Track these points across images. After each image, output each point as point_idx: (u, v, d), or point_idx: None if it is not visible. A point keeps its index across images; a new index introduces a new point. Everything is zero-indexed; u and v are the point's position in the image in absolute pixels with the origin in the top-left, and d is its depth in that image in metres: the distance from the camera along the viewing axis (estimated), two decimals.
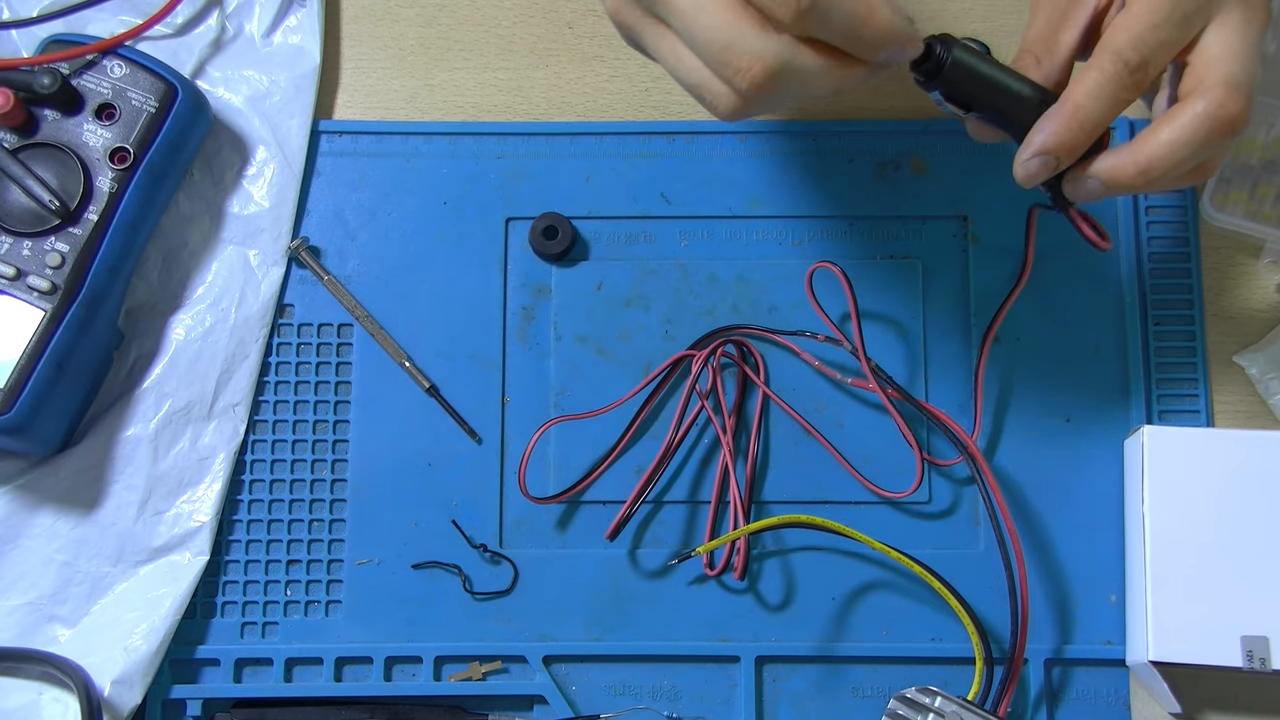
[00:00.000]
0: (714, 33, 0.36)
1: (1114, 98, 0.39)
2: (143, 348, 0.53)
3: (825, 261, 0.52)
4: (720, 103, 0.37)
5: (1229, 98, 0.39)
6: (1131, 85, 0.39)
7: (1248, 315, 0.54)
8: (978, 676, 0.48)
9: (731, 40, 0.35)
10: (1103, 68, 0.39)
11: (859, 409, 0.53)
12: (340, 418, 0.53)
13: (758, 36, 0.35)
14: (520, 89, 0.57)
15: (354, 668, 0.52)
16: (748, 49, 0.35)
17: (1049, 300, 0.54)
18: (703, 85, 0.37)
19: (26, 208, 0.50)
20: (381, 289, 0.54)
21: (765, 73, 0.36)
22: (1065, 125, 0.39)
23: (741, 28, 0.35)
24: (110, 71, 0.51)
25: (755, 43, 0.35)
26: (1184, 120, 0.39)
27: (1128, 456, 0.52)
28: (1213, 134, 0.39)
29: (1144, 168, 0.40)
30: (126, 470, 0.52)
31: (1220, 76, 0.39)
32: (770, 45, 0.36)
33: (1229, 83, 0.39)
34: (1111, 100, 0.39)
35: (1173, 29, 0.39)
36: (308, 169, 0.55)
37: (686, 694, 0.51)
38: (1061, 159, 0.40)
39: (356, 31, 0.57)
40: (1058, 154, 0.40)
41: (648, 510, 0.53)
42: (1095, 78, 0.39)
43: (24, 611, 0.51)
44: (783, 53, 0.36)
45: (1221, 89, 0.39)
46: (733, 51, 0.36)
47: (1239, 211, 0.53)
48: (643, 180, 0.55)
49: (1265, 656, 0.46)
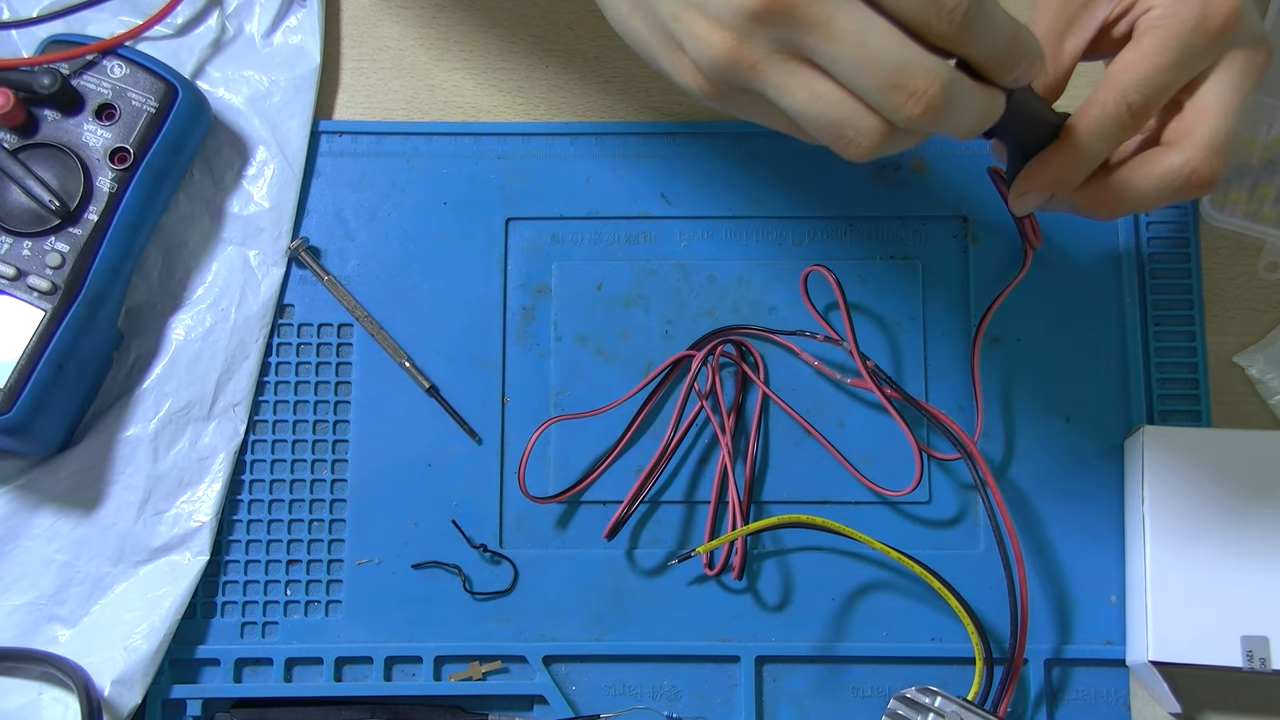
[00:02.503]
0: (887, 53, 0.33)
1: (1114, 137, 0.40)
2: (143, 348, 0.53)
3: (817, 265, 0.52)
4: (865, 138, 0.34)
5: (1205, 163, 0.40)
6: (1131, 125, 0.40)
7: (1248, 315, 0.54)
8: (978, 676, 0.48)
9: (907, 60, 0.32)
10: (1106, 107, 0.39)
11: (859, 409, 0.53)
12: (340, 418, 0.53)
13: (928, 57, 0.33)
14: (520, 89, 0.57)
15: (354, 668, 0.52)
16: (923, 68, 0.32)
17: (1049, 300, 0.54)
18: (845, 121, 0.34)
19: (26, 208, 0.50)
20: (381, 289, 0.54)
21: (941, 91, 0.33)
22: (1069, 163, 0.40)
23: (912, 48, 0.33)
24: (110, 72, 0.51)
25: (928, 63, 0.33)
26: (1158, 173, 0.40)
27: (1128, 456, 0.52)
28: (1182, 192, 0.40)
29: (1110, 207, 0.41)
30: (126, 470, 0.52)
31: (1206, 138, 0.40)
32: (940, 63, 0.33)
33: (1211, 146, 0.40)
34: (1112, 139, 0.40)
35: (1178, 72, 0.40)
36: (308, 169, 0.55)
37: (686, 694, 0.51)
38: (1059, 192, 0.41)
39: (356, 31, 0.58)
40: (1056, 189, 0.41)
41: (647, 510, 0.53)
42: (1098, 117, 0.39)
43: (24, 611, 0.51)
44: (949, 74, 0.33)
45: (1202, 151, 0.40)
46: (907, 73, 0.32)
47: (1239, 211, 0.53)
48: (643, 180, 0.55)
49: (1265, 656, 0.46)
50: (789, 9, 0.33)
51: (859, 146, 0.34)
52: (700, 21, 0.34)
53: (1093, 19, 0.42)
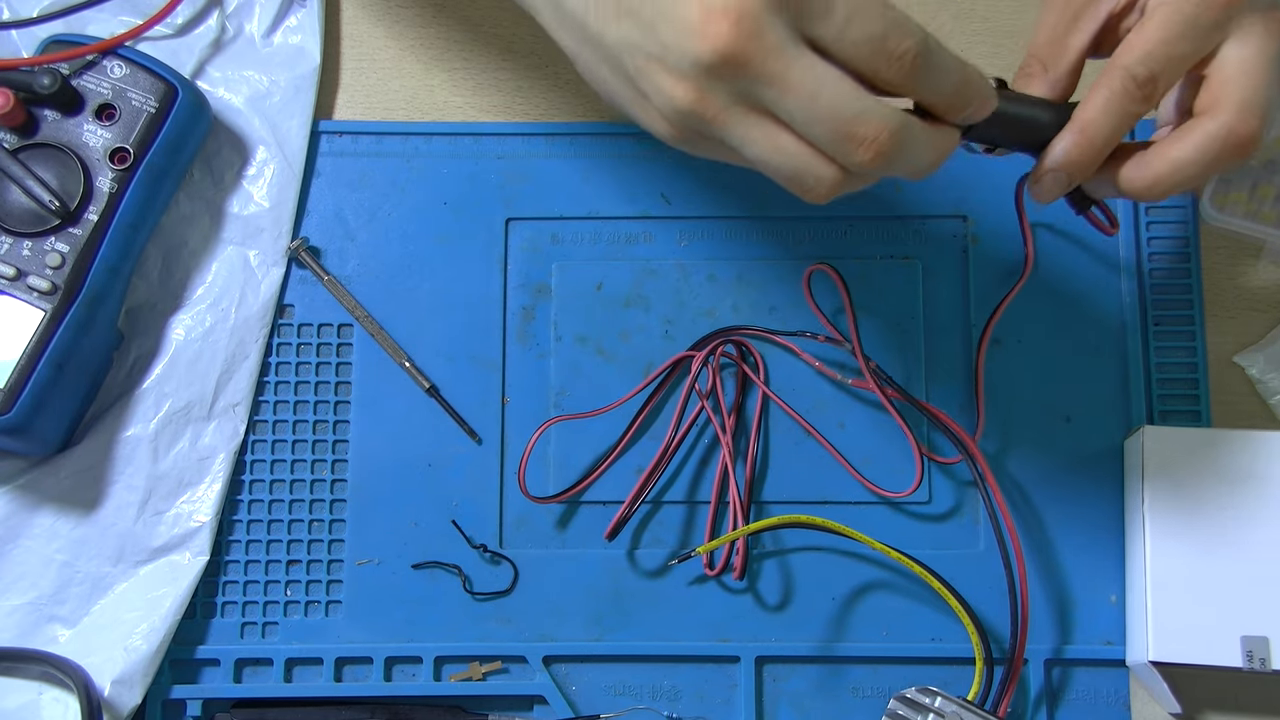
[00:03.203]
0: (839, 103, 0.34)
1: (1123, 113, 0.39)
2: (143, 348, 0.53)
3: (821, 263, 0.52)
4: (822, 185, 0.36)
5: (1241, 121, 0.39)
6: (1140, 99, 0.39)
7: (1248, 315, 0.54)
8: (978, 676, 0.48)
9: (858, 111, 0.34)
10: (1111, 85, 0.39)
11: (859, 409, 0.53)
12: (340, 418, 0.53)
13: (879, 104, 0.35)
14: (520, 89, 0.57)
15: (354, 668, 0.52)
16: (874, 116, 0.34)
17: (1049, 300, 0.54)
18: (804, 170, 0.36)
19: (26, 208, 0.50)
20: (381, 289, 0.54)
21: (891, 138, 0.35)
22: (1076, 145, 0.40)
23: (863, 97, 0.35)
24: (110, 72, 0.51)
25: (879, 110, 0.35)
26: (1195, 140, 0.39)
27: (1128, 456, 0.52)
28: (1223, 155, 0.39)
29: (1151, 182, 0.40)
30: (126, 470, 0.52)
31: (1235, 99, 0.39)
32: (892, 111, 0.35)
33: (1243, 106, 0.39)
34: (1120, 116, 0.39)
35: (1186, 44, 0.39)
36: (308, 169, 0.55)
37: (686, 694, 0.51)
38: (1074, 177, 0.40)
39: (356, 31, 0.57)
40: (1069, 173, 0.40)
41: (648, 510, 0.53)
42: (1104, 95, 0.39)
43: (24, 611, 0.51)
44: (900, 119, 0.35)
45: (1234, 112, 0.39)
46: (858, 122, 0.34)
47: (1239, 211, 0.53)
48: (643, 180, 0.55)
49: (1265, 656, 0.46)
50: (744, 64, 0.34)
51: (817, 193, 0.37)
52: (662, 75, 0.36)
53: (1098, 11, 0.42)
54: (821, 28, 0.34)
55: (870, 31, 0.34)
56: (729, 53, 0.34)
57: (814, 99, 0.34)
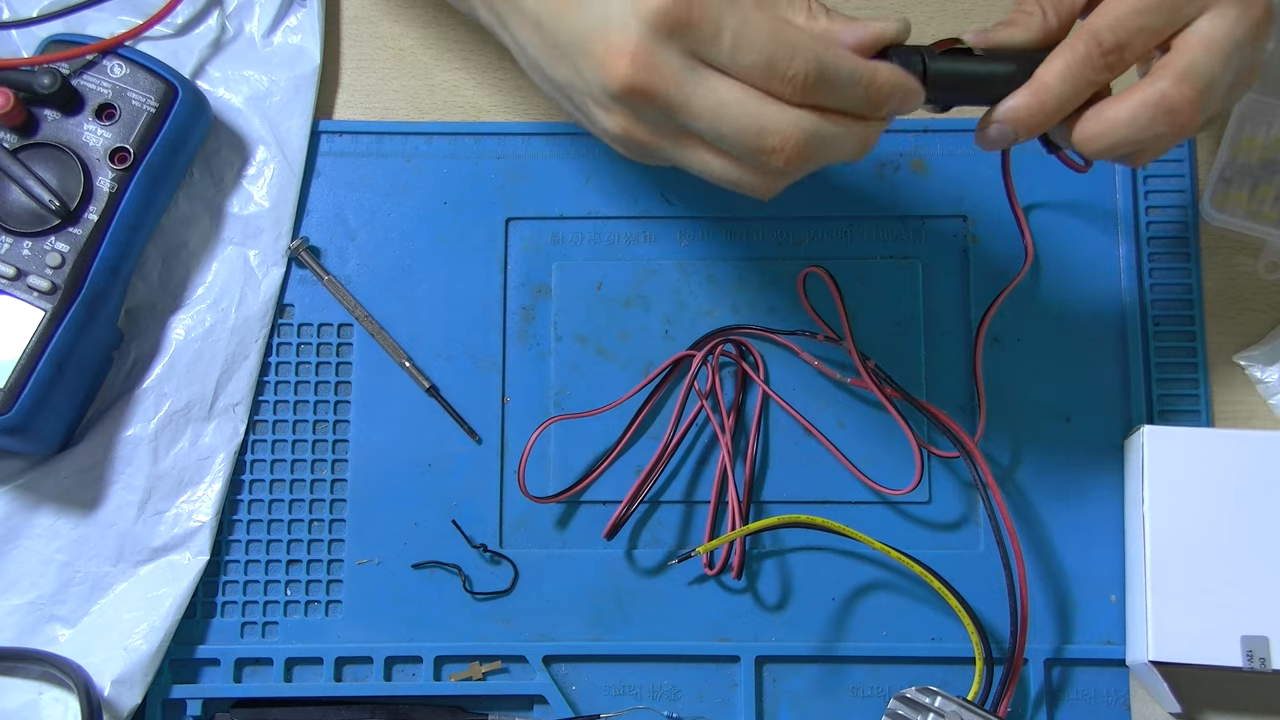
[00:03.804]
0: (743, 119, 0.37)
1: (1081, 79, 0.39)
2: (143, 348, 0.53)
3: (814, 266, 0.53)
4: (760, 190, 0.39)
5: (1176, 89, 0.39)
6: (1103, 67, 0.39)
7: (1248, 315, 0.54)
8: (978, 676, 0.48)
9: (763, 122, 0.37)
10: (1075, 49, 0.39)
11: (859, 408, 0.53)
12: (340, 418, 0.53)
13: (782, 113, 0.37)
14: (520, 89, 0.57)
15: (354, 668, 0.52)
16: (775, 129, 0.37)
17: (1049, 300, 0.54)
18: (738, 180, 0.39)
19: (26, 208, 0.50)
20: (381, 289, 0.54)
21: (797, 146, 0.37)
22: (1025, 104, 0.39)
23: (764, 111, 0.37)
24: (110, 71, 0.51)
25: (782, 121, 0.37)
26: (1130, 103, 0.39)
27: (1128, 456, 0.52)
28: (1156, 120, 0.39)
29: (1087, 138, 0.40)
30: (126, 470, 0.52)
31: (1179, 66, 0.39)
32: (796, 118, 0.37)
33: (1183, 75, 0.39)
34: (1078, 82, 0.39)
35: (1155, 15, 0.39)
36: (308, 169, 0.55)
37: (686, 694, 0.51)
38: (1021, 135, 0.40)
39: (356, 31, 0.57)
40: (1015, 128, 0.40)
41: (647, 510, 0.53)
42: (1066, 58, 0.39)
43: (24, 611, 0.51)
44: (807, 123, 0.37)
45: (1172, 79, 0.39)
46: (765, 133, 0.37)
47: (1239, 211, 0.53)
48: (643, 180, 0.55)
49: (1265, 656, 0.46)
50: (648, 93, 0.37)
51: (760, 195, 0.40)
52: (594, 107, 0.39)
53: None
54: (713, 54, 0.37)
55: (755, 59, 0.36)
56: (632, 85, 0.37)
57: (717, 119, 0.37)
